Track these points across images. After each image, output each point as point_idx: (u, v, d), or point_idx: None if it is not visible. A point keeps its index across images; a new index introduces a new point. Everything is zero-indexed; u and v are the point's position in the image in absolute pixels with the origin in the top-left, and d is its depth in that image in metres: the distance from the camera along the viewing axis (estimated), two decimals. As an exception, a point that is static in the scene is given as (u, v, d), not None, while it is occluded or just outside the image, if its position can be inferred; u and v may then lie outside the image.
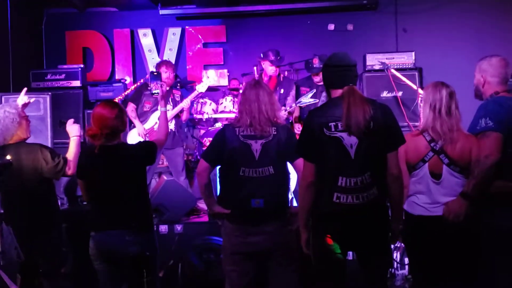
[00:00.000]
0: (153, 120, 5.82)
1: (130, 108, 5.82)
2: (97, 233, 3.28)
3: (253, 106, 3.18)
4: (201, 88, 5.98)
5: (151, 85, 3.87)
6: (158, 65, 6.05)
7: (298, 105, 5.58)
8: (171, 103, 5.92)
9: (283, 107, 5.70)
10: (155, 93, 3.80)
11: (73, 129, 3.73)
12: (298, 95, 6.03)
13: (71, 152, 3.62)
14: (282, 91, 6.02)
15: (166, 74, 5.88)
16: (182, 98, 6.09)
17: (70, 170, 3.57)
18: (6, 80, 6.38)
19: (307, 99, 5.49)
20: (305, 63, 6.25)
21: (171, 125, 5.80)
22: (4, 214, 3.60)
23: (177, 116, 5.91)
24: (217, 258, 4.34)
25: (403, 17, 7.40)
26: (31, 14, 7.52)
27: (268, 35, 7.59)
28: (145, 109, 5.89)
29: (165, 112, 3.73)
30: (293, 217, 3.19)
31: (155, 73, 3.89)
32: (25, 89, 4.11)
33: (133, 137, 5.81)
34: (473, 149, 3.00)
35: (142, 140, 5.64)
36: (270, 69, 6.04)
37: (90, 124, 3.30)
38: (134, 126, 5.90)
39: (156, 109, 5.78)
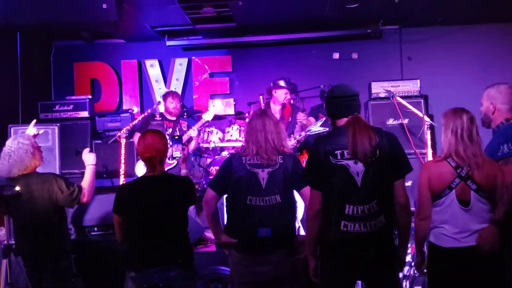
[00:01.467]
0: None
1: (137, 138, 5.82)
2: (139, 273, 3.07)
3: (260, 135, 3.20)
4: (207, 116, 6.02)
5: (172, 148, 3.85)
6: (165, 96, 6.11)
7: (307, 133, 5.58)
8: (177, 132, 5.95)
9: (292, 135, 5.71)
10: (176, 156, 3.79)
11: (89, 158, 3.75)
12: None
13: (86, 180, 3.63)
14: (290, 119, 6.02)
15: (172, 104, 5.94)
16: (189, 127, 6.12)
17: (85, 197, 3.56)
18: (15, 111, 6.45)
19: (316, 128, 5.48)
20: (320, 92, 6.31)
21: (177, 154, 5.79)
22: (15, 245, 3.58)
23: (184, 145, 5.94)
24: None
25: (407, 45, 7.49)
26: (40, 46, 7.65)
27: (274, 65, 7.68)
28: None
29: (187, 174, 3.68)
30: (300, 246, 3.17)
31: (176, 137, 3.89)
32: (34, 120, 4.16)
33: (139, 168, 5.82)
34: (499, 175, 2.94)
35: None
36: (283, 96, 6.03)
37: (141, 151, 3.20)
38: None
39: None
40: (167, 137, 5.72)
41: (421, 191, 3.01)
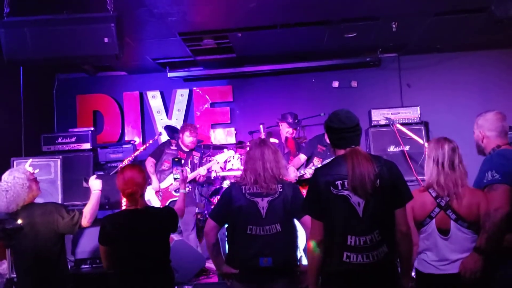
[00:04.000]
0: (169, 181, 5.88)
1: (150, 163, 5.90)
2: None
3: (258, 164, 3.22)
4: (221, 158, 6.08)
5: (173, 169, 3.97)
6: (183, 128, 6.07)
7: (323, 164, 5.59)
8: (189, 165, 5.99)
9: (310, 165, 5.78)
10: (176, 178, 3.91)
11: (95, 184, 3.79)
12: (313, 153, 6.06)
13: (90, 203, 3.67)
14: (297, 153, 6.14)
15: (189, 138, 5.96)
16: (200, 159, 6.19)
17: (87, 220, 3.59)
18: (18, 144, 6.48)
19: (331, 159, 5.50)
20: (325, 121, 6.35)
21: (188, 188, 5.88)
22: (16, 278, 3.57)
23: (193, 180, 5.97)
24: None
25: (406, 72, 7.57)
26: (43, 79, 7.75)
27: (274, 94, 7.77)
28: (163, 167, 5.94)
29: (184, 194, 3.80)
30: (302, 276, 3.14)
31: (176, 159, 4.03)
32: (30, 160, 4.17)
33: (147, 192, 5.81)
34: (481, 203, 2.96)
35: (157, 198, 5.71)
36: (287, 130, 6.27)
37: (122, 187, 3.28)
38: (150, 182, 5.93)
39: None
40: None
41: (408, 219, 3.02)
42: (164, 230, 3.35)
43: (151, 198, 5.79)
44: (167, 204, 5.81)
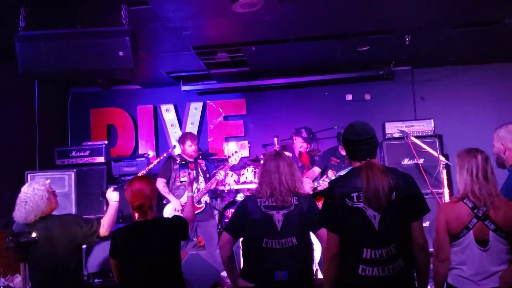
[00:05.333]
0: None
1: (161, 184, 5.81)
2: None
3: (273, 177, 3.21)
4: (233, 161, 6.06)
5: (180, 173, 3.98)
6: (183, 138, 6.08)
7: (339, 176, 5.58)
8: (201, 173, 5.99)
9: (326, 176, 5.79)
10: (182, 180, 3.92)
11: (113, 195, 3.86)
12: (327, 165, 6.05)
13: (108, 214, 3.74)
14: (311, 167, 6.13)
15: (191, 147, 5.95)
16: (207, 167, 6.18)
17: (105, 228, 3.65)
18: (32, 157, 6.53)
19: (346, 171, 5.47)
20: (337, 134, 6.38)
21: (205, 198, 5.87)
22: None
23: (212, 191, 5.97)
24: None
25: (420, 85, 7.53)
26: (57, 93, 7.82)
27: (287, 107, 7.76)
28: (177, 184, 5.83)
29: (192, 197, 3.80)
30: (319, 288, 3.11)
31: (183, 163, 4.03)
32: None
33: (168, 212, 5.80)
34: None
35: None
36: (301, 145, 6.30)
37: (130, 199, 3.30)
38: (168, 202, 5.87)
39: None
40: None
41: (439, 233, 2.96)
42: (174, 240, 3.34)
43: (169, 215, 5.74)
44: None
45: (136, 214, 3.34)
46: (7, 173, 5.90)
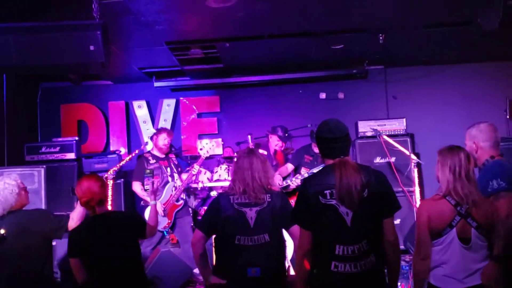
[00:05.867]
0: (168, 193, 5.77)
1: (138, 187, 5.71)
2: None
3: (246, 173, 3.20)
4: (206, 153, 6.00)
5: (144, 181, 4.02)
6: (159, 131, 6.02)
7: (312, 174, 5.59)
8: (174, 169, 5.95)
9: (298, 174, 5.77)
10: (146, 189, 3.95)
11: None
12: (300, 163, 6.07)
13: (78, 208, 3.72)
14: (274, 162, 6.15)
15: (165, 141, 5.91)
16: (180, 162, 6.14)
17: (74, 221, 3.65)
18: (1, 153, 6.39)
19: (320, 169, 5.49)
20: (311, 132, 6.41)
21: (182, 195, 5.83)
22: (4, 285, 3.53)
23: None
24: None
25: (392, 85, 7.62)
26: (27, 88, 7.65)
27: (261, 104, 7.76)
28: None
29: (155, 206, 3.76)
30: (290, 286, 3.09)
31: (148, 171, 4.04)
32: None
33: (147, 214, 5.69)
34: (494, 212, 2.92)
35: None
36: (276, 143, 6.33)
37: (79, 196, 3.35)
38: (147, 203, 5.75)
39: (167, 181, 5.80)
40: (169, 178, 5.74)
41: (421, 230, 2.96)
42: (129, 233, 3.36)
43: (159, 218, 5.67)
44: (173, 215, 5.73)
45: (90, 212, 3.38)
46: (-26, 169, 5.75)
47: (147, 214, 5.67)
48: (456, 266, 2.90)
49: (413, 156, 5.60)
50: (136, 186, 5.73)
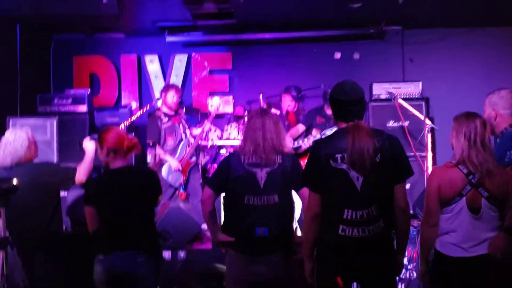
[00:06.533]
0: (183, 150, 5.82)
1: (156, 146, 5.74)
2: (107, 256, 3.20)
3: (258, 134, 3.17)
4: (215, 110, 6.06)
5: (147, 152, 4.01)
6: (167, 88, 6.00)
7: (322, 137, 5.55)
8: (184, 123, 5.98)
9: (310, 135, 5.77)
10: (148, 162, 3.94)
11: (89, 146, 3.87)
12: (312, 124, 6.01)
13: (85, 161, 3.79)
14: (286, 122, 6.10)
15: (174, 98, 5.89)
16: (188, 118, 6.17)
17: (81, 174, 3.71)
18: (14, 103, 6.42)
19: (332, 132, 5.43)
20: (324, 93, 6.31)
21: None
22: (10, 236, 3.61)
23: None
24: (220, 286, 4.27)
25: (410, 47, 7.43)
26: (40, 39, 7.59)
27: (274, 63, 7.63)
28: (168, 143, 5.80)
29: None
30: (297, 247, 3.13)
31: (151, 144, 4.03)
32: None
33: (166, 172, 5.74)
34: (510, 182, 2.86)
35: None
36: (289, 104, 6.22)
37: (115, 143, 3.31)
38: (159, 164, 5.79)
39: (181, 139, 5.84)
40: (182, 136, 5.79)
41: (430, 198, 2.93)
42: (148, 189, 3.36)
43: (174, 175, 5.74)
44: (187, 172, 5.81)
45: (111, 163, 3.34)
46: (-12, 118, 5.81)
47: (164, 172, 5.74)
48: (464, 235, 2.87)
49: (427, 121, 5.52)
50: (158, 148, 5.77)
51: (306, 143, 5.77)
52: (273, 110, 5.99)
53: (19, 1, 4.42)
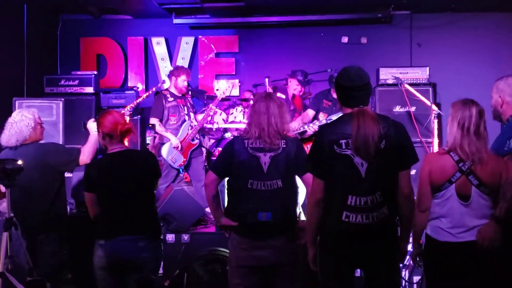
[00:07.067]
0: (185, 131, 5.80)
1: (157, 123, 5.75)
2: (108, 240, 3.21)
3: (262, 118, 3.16)
4: (222, 94, 6.03)
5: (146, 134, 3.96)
6: (178, 71, 5.97)
7: (328, 122, 5.52)
8: (189, 106, 5.98)
9: (316, 120, 5.73)
10: (147, 143, 3.91)
11: (93, 126, 3.87)
12: (319, 108, 5.98)
13: (89, 143, 3.82)
14: (302, 111, 6.05)
15: (184, 82, 5.89)
16: (193, 103, 6.17)
17: (85, 155, 3.76)
18: (20, 84, 6.43)
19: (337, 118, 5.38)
20: (330, 77, 6.26)
21: (197, 135, 5.89)
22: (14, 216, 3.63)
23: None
24: (223, 270, 4.29)
25: (417, 31, 7.36)
26: (47, 20, 7.58)
27: (281, 46, 7.60)
28: (171, 123, 5.80)
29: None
30: (301, 232, 3.13)
31: (150, 125, 4.02)
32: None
33: (166, 151, 5.75)
34: (503, 172, 2.86)
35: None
36: (295, 88, 6.16)
37: (112, 126, 3.31)
38: (163, 141, 5.82)
39: (184, 120, 5.83)
40: (185, 117, 5.79)
41: (422, 183, 2.96)
42: (147, 173, 3.36)
43: (174, 155, 5.74)
44: (188, 154, 5.80)
45: (108, 147, 3.35)
46: (-6, 99, 5.82)
47: (164, 151, 5.75)
48: (453, 221, 2.90)
49: (434, 107, 5.49)
50: (154, 122, 5.78)
51: (312, 127, 5.73)
52: (279, 94, 5.95)
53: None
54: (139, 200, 3.30)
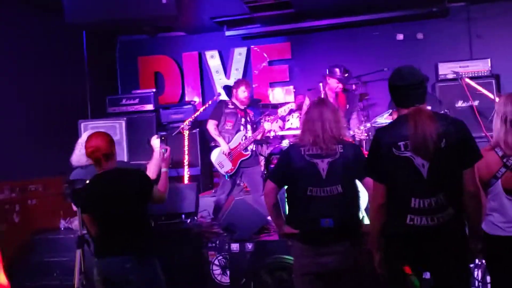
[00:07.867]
0: (238, 140, 5.87)
1: (212, 126, 5.86)
2: (99, 259, 3.29)
3: (316, 124, 3.14)
4: (282, 112, 6.03)
5: (160, 144, 3.95)
6: (237, 84, 6.04)
7: (373, 125, 5.39)
8: (248, 121, 6.02)
9: (362, 123, 5.59)
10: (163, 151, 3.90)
11: (156, 143, 3.94)
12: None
13: (153, 160, 3.86)
14: (347, 106, 5.85)
15: (245, 93, 5.94)
16: (254, 116, 6.19)
17: (151, 172, 3.77)
18: (84, 106, 6.71)
19: (382, 119, 5.25)
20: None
21: (252, 146, 5.89)
22: (96, 246, 3.70)
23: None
24: (289, 277, 4.28)
25: (476, 23, 7.09)
26: (105, 42, 7.92)
27: (334, 49, 7.53)
28: (226, 127, 5.89)
29: (166, 173, 3.68)
30: (365, 236, 3.09)
31: (163, 138, 4.02)
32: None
33: (216, 155, 5.87)
34: None
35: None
36: (335, 84, 5.94)
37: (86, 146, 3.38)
38: (216, 145, 5.92)
39: (239, 129, 5.89)
40: (241, 127, 5.84)
41: None
42: (134, 191, 3.33)
43: (222, 160, 5.83)
44: (238, 163, 5.84)
45: (96, 167, 3.38)
46: (61, 123, 6.11)
47: (214, 155, 5.83)
48: (503, 216, 2.87)
49: (497, 100, 5.26)
50: (210, 125, 5.88)
51: (359, 133, 5.51)
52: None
53: (84, 9, 4.62)
54: (129, 219, 3.29)
